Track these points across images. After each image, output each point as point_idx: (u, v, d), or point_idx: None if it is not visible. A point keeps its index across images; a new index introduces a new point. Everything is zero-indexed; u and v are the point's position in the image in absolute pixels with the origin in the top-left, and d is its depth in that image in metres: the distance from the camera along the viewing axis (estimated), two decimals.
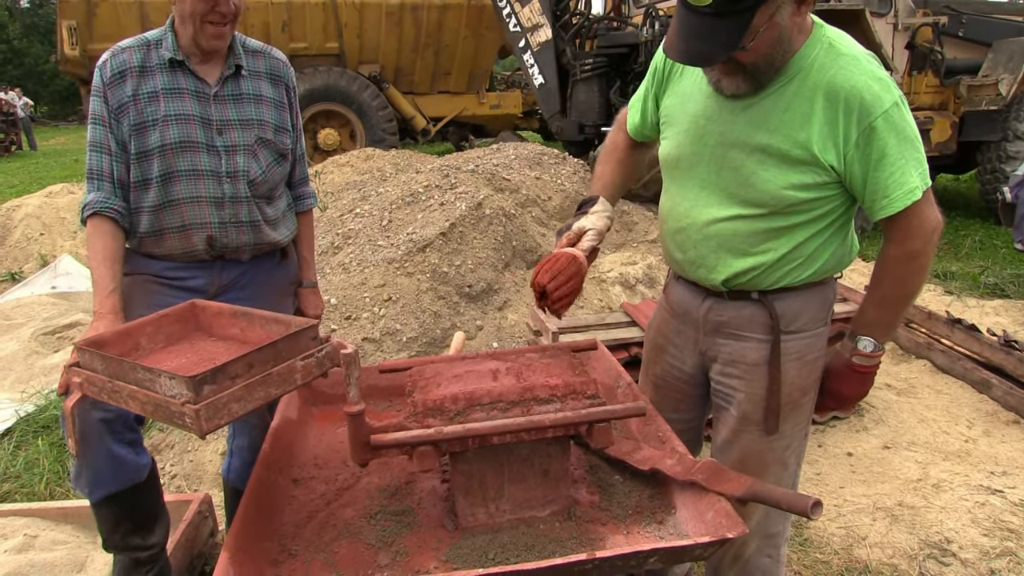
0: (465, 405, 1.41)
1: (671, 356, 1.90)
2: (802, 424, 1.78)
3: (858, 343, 1.66)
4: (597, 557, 1.21)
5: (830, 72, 1.49)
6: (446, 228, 4.48)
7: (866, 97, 1.46)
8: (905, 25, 7.79)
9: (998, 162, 7.99)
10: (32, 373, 4.32)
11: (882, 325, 1.65)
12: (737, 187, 1.60)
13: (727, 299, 1.73)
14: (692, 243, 1.71)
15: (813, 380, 1.74)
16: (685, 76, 1.71)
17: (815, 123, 1.50)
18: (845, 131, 1.48)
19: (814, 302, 1.70)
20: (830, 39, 1.53)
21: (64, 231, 7.04)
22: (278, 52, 2.21)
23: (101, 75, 1.98)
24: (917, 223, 1.52)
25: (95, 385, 1.36)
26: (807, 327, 1.70)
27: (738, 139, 1.58)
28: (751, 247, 1.63)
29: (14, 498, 3.10)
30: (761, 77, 1.51)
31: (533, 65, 8.84)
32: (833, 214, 1.61)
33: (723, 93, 1.57)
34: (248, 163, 2.05)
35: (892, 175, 1.48)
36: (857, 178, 1.52)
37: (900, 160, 1.47)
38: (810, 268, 1.65)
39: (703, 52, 1.45)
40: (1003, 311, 5.14)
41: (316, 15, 11.29)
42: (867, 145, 1.48)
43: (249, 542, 1.33)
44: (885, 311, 1.64)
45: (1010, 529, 2.74)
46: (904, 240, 1.54)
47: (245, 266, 2.13)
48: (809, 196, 1.55)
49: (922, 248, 1.54)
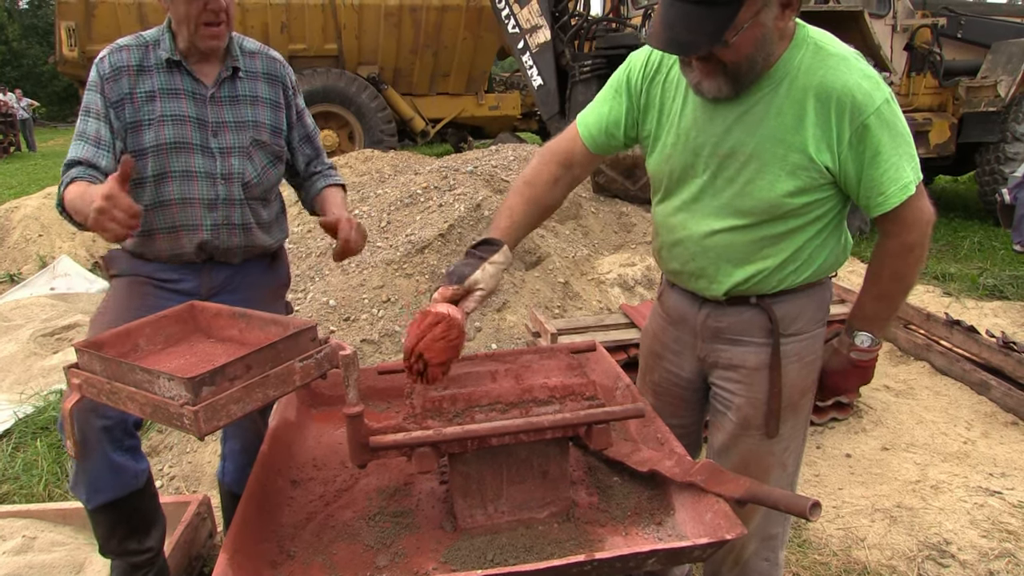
0: (464, 406, 1.41)
1: (669, 363, 1.89)
2: (800, 425, 1.78)
3: (856, 338, 1.68)
4: (596, 558, 1.21)
5: (819, 73, 1.48)
6: (445, 229, 4.48)
7: (857, 96, 1.45)
8: (904, 26, 7.79)
9: (997, 163, 8.00)
10: (31, 374, 4.32)
11: (880, 319, 1.67)
12: (733, 197, 1.58)
13: (725, 305, 1.71)
14: (690, 255, 1.69)
15: (811, 381, 1.75)
16: (668, 89, 1.66)
17: (808, 125, 1.49)
18: (838, 131, 1.48)
19: (812, 303, 1.70)
20: (815, 40, 1.52)
21: (63, 232, 7.03)
22: (274, 52, 2.21)
23: (99, 70, 1.97)
24: (913, 217, 1.53)
25: (94, 386, 1.36)
26: (805, 329, 1.70)
27: (732, 148, 1.56)
28: (751, 256, 1.62)
29: (12, 500, 3.10)
30: (742, 79, 1.49)
31: (532, 66, 8.84)
32: (828, 215, 1.61)
33: (704, 96, 1.54)
34: (243, 165, 2.05)
35: (887, 171, 1.48)
36: (851, 177, 1.52)
37: (894, 156, 1.48)
38: (808, 270, 1.65)
39: (687, 41, 1.42)
40: (1002, 312, 5.15)
41: (315, 16, 11.29)
42: (860, 143, 1.48)
43: (248, 543, 1.32)
44: (883, 305, 1.65)
45: (1009, 530, 2.74)
46: (901, 233, 1.55)
47: (234, 268, 2.13)
48: (806, 200, 1.55)
49: (918, 240, 1.55)
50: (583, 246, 5.03)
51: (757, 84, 1.51)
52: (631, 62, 1.73)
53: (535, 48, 8.76)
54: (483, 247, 1.61)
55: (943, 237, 7.67)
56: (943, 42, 8.06)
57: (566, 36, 8.64)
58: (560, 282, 4.46)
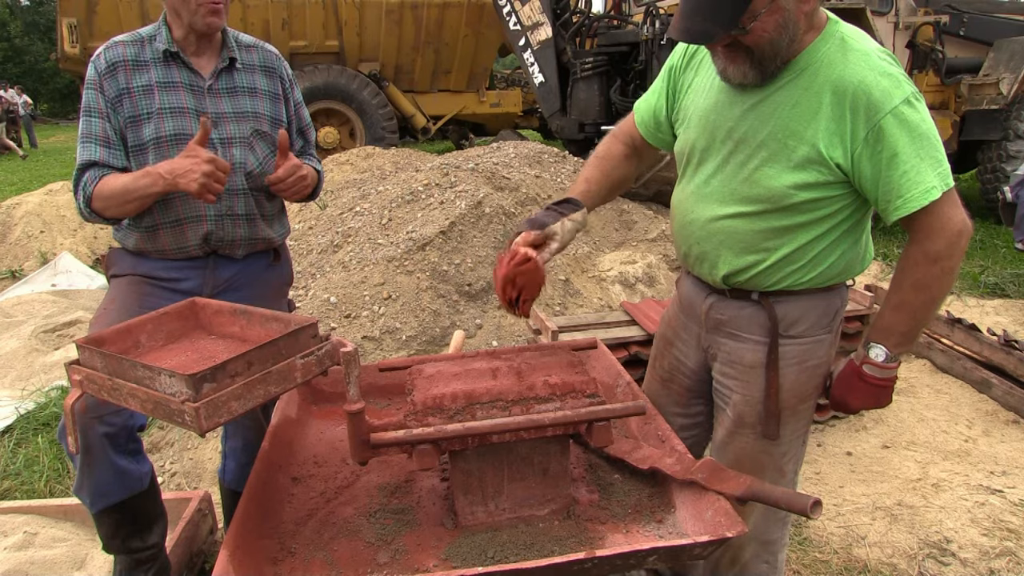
0: (465, 404, 1.41)
1: (677, 351, 1.90)
2: (800, 432, 1.76)
3: (870, 351, 1.59)
4: (596, 556, 1.21)
5: (839, 68, 1.47)
6: (446, 226, 4.48)
7: (874, 94, 1.43)
8: (906, 24, 7.78)
9: (999, 161, 7.98)
10: (32, 371, 4.32)
11: (897, 333, 1.56)
12: (740, 184, 1.59)
13: (729, 298, 1.72)
14: (696, 239, 1.70)
15: (812, 388, 1.71)
16: (700, 72, 1.70)
17: (822, 119, 1.48)
18: (852, 128, 1.46)
19: (817, 308, 1.66)
20: (843, 35, 1.51)
21: (64, 229, 7.03)
22: (270, 46, 2.22)
23: (95, 67, 1.98)
24: (939, 224, 1.46)
25: (95, 383, 1.36)
26: (808, 333, 1.66)
27: (745, 134, 1.56)
28: (752, 246, 1.61)
29: (14, 495, 3.11)
30: (767, 65, 1.49)
31: (533, 63, 8.83)
32: (839, 216, 1.57)
33: (730, 82, 1.55)
34: (245, 155, 2.05)
35: (906, 174, 1.43)
36: (867, 178, 1.48)
37: (914, 158, 1.43)
38: (813, 271, 1.61)
39: (703, 29, 1.44)
40: (1003, 311, 5.14)
41: (316, 13, 11.27)
42: (877, 143, 1.44)
43: (248, 540, 1.33)
44: (902, 317, 1.55)
45: (1009, 529, 2.74)
46: (924, 240, 1.48)
47: (239, 265, 2.13)
48: (813, 196, 1.53)
49: (944, 251, 1.46)
50: (584, 243, 5.03)
51: (781, 72, 1.51)
52: (675, 51, 1.79)
53: (536, 45, 8.75)
54: (563, 205, 1.70)
55: None
56: (945, 40, 8.04)
57: (567, 33, 8.64)
58: (561, 279, 4.45)
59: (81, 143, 1.98)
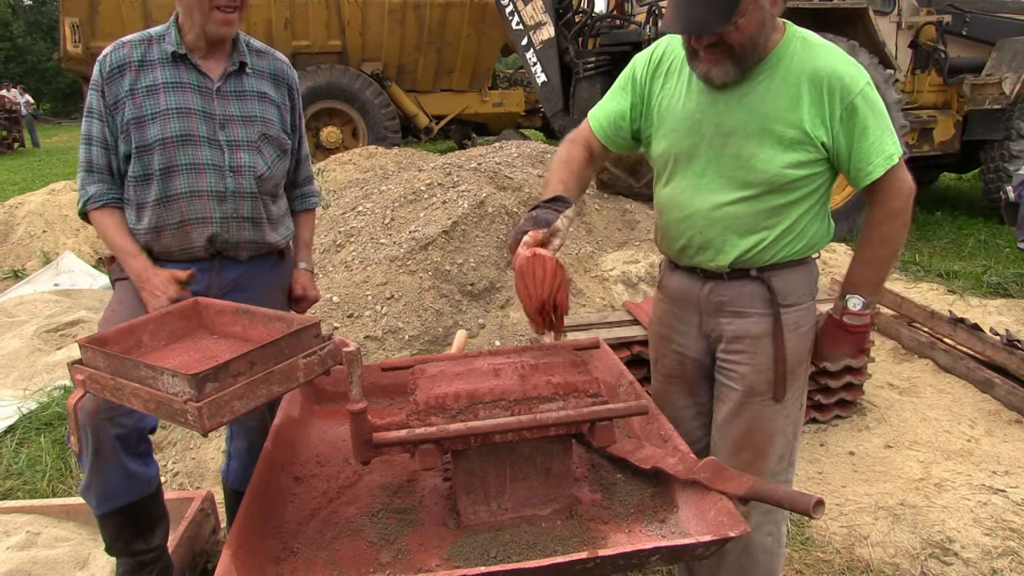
0: (467, 403, 1.42)
1: (677, 344, 1.96)
2: (799, 393, 1.89)
3: (848, 301, 1.80)
4: (599, 556, 1.21)
5: (810, 60, 1.67)
6: (448, 226, 4.48)
7: (845, 79, 1.65)
8: (908, 23, 7.76)
9: (1001, 161, 7.97)
10: (35, 370, 4.33)
11: (869, 283, 1.80)
12: (737, 170, 1.72)
13: (727, 279, 1.82)
14: (698, 229, 1.80)
15: (807, 350, 1.87)
16: (669, 80, 1.82)
17: (804, 104, 1.66)
18: (830, 109, 1.66)
19: (803, 277, 1.84)
20: (802, 35, 1.72)
21: (67, 228, 7.04)
22: (280, 55, 2.22)
23: (100, 70, 1.97)
24: (897, 185, 1.71)
25: (98, 382, 1.36)
26: (799, 300, 1.83)
27: (736, 127, 1.71)
28: (755, 226, 1.75)
29: (17, 495, 3.11)
30: (747, 61, 1.66)
31: (536, 63, 8.83)
32: (820, 191, 1.77)
33: (713, 84, 1.70)
34: (253, 159, 2.04)
35: (873, 144, 1.67)
36: (843, 151, 1.70)
37: (877, 131, 1.67)
38: (801, 242, 1.79)
39: (702, 19, 1.58)
40: (1006, 310, 5.13)
41: (319, 12, 11.29)
42: (850, 119, 1.66)
43: (251, 540, 1.33)
44: (872, 268, 1.80)
45: (1012, 529, 2.74)
46: (887, 200, 1.73)
47: (243, 267, 2.12)
48: (803, 173, 1.71)
49: (903, 207, 1.73)
50: (586, 243, 5.03)
51: (756, 69, 1.69)
52: (635, 61, 1.91)
53: (539, 45, 8.75)
54: (556, 202, 1.76)
55: (947, 235, 7.65)
56: (948, 39, 8.03)
57: (570, 33, 8.64)
58: None
59: (83, 143, 2.02)
